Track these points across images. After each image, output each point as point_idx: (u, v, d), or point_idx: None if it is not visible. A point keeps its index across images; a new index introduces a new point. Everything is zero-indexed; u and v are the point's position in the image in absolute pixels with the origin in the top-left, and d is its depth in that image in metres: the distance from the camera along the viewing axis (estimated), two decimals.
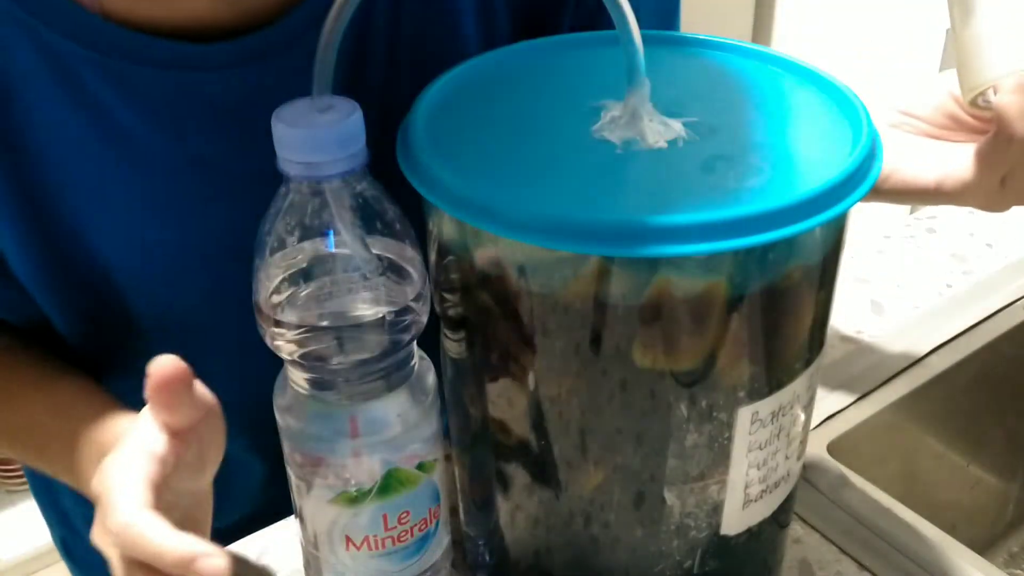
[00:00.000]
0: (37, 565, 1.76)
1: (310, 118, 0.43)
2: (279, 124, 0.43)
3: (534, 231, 0.41)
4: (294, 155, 0.43)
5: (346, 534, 0.52)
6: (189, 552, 0.40)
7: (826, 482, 0.68)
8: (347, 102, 0.44)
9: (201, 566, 0.40)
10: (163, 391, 0.43)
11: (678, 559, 0.51)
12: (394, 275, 0.46)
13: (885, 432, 0.76)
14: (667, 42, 0.55)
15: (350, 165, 0.43)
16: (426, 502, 0.52)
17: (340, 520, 0.51)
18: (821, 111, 0.49)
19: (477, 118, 0.49)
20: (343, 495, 0.50)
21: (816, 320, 0.48)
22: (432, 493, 0.53)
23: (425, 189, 0.44)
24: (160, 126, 0.54)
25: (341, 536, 0.52)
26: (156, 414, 0.44)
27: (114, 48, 0.51)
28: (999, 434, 0.89)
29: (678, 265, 0.42)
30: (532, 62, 0.54)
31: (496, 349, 0.47)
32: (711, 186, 0.44)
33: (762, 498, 0.51)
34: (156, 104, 0.54)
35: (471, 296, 0.47)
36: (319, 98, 0.43)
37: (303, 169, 0.43)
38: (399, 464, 0.50)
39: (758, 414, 0.47)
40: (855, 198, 0.43)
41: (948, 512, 0.85)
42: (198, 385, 0.44)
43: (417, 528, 0.52)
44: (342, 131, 0.43)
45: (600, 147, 0.46)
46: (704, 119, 0.47)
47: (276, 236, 0.45)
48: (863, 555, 0.63)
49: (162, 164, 0.55)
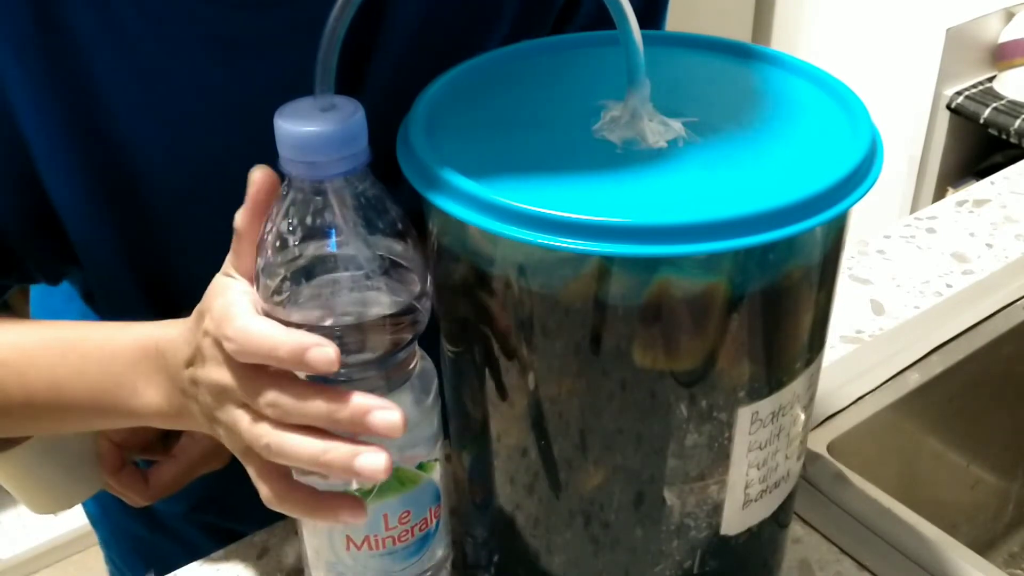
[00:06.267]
0: (37, 565, 1.76)
1: (312, 117, 0.43)
2: (281, 122, 0.43)
3: (534, 231, 0.41)
4: (296, 154, 0.43)
5: (347, 534, 0.52)
6: (301, 343, 0.43)
7: (826, 482, 0.67)
8: (349, 101, 0.44)
9: (312, 355, 0.42)
10: (267, 192, 0.45)
11: (678, 559, 0.51)
12: (396, 274, 0.46)
13: (885, 432, 0.76)
14: (667, 42, 0.55)
15: (352, 164, 0.43)
16: (427, 502, 0.52)
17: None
18: (821, 111, 0.49)
19: (477, 118, 0.49)
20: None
21: (816, 320, 0.48)
22: (433, 493, 0.53)
23: (425, 188, 0.44)
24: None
25: (342, 536, 0.52)
26: (253, 217, 0.46)
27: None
28: (999, 434, 0.89)
29: (678, 265, 0.42)
30: (532, 62, 0.54)
31: (496, 349, 0.47)
32: (711, 186, 0.44)
33: (762, 498, 0.51)
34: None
35: (471, 296, 0.47)
36: (321, 97, 0.43)
37: (305, 168, 0.43)
38: (400, 464, 0.50)
39: (758, 414, 0.47)
40: (855, 198, 0.43)
41: (948, 512, 0.85)
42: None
43: (418, 528, 0.53)
44: (344, 130, 0.43)
45: (600, 147, 0.46)
46: (704, 119, 0.47)
47: (277, 235, 0.45)
48: (863, 555, 0.63)
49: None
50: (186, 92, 0.55)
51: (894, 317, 0.84)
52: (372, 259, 0.45)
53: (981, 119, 1.66)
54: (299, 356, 0.43)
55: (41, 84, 0.53)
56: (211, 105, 0.56)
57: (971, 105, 1.68)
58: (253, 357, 0.44)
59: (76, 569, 1.77)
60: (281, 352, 0.43)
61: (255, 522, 0.67)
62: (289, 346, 0.43)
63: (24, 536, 1.75)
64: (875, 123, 0.47)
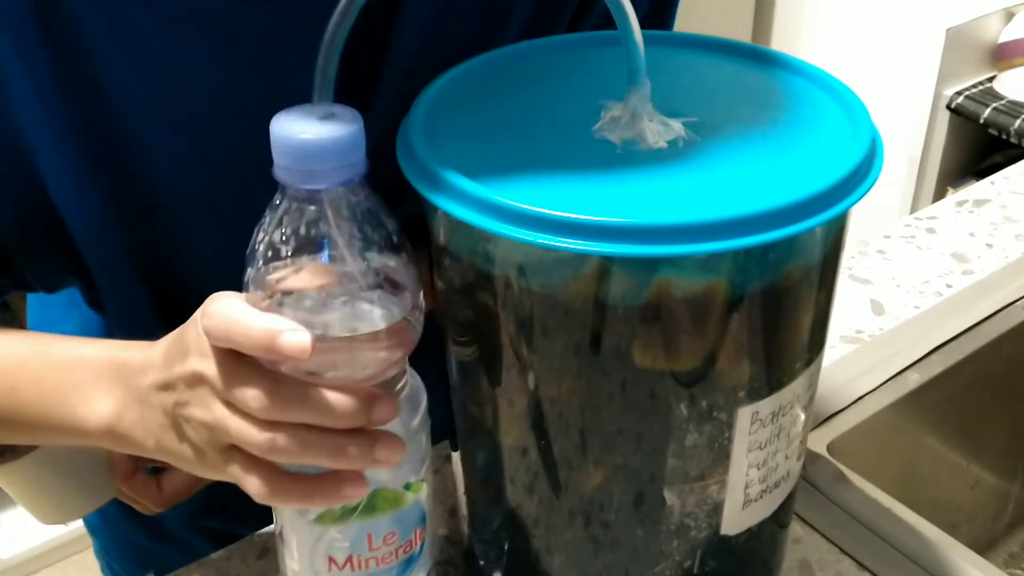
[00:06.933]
0: (37, 565, 1.76)
1: (310, 125, 0.42)
2: (277, 129, 0.42)
3: (534, 231, 0.41)
4: (292, 162, 0.42)
5: (329, 554, 0.50)
6: (274, 326, 0.41)
7: (826, 482, 0.67)
8: (348, 111, 0.43)
9: (285, 338, 0.41)
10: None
11: (678, 559, 0.51)
12: (389, 288, 0.45)
13: (885, 432, 0.76)
14: (667, 42, 0.55)
15: (349, 174, 0.42)
16: (412, 523, 0.52)
17: (324, 539, 0.50)
18: (821, 111, 0.49)
19: (477, 118, 0.49)
20: (328, 513, 0.49)
21: (816, 320, 0.48)
22: (419, 514, 0.52)
23: (425, 189, 0.44)
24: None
25: (324, 556, 0.50)
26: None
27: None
28: (999, 434, 0.89)
29: (678, 265, 0.42)
30: (532, 62, 0.54)
31: (496, 349, 0.47)
32: (711, 186, 0.44)
33: (762, 498, 0.51)
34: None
35: (472, 296, 0.47)
36: (320, 105, 0.43)
37: (301, 177, 0.42)
38: (387, 484, 0.49)
39: (758, 414, 0.47)
40: (855, 198, 0.43)
41: (948, 512, 0.85)
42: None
43: (402, 550, 0.52)
44: (343, 140, 0.42)
45: (600, 147, 0.46)
46: (704, 119, 0.47)
47: (270, 245, 0.43)
48: (863, 555, 0.63)
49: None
50: (195, 92, 0.55)
51: (894, 317, 0.84)
52: (366, 272, 0.44)
53: (981, 119, 1.66)
54: (271, 339, 0.41)
55: (47, 86, 0.52)
56: (221, 105, 0.55)
57: (971, 105, 1.68)
58: (227, 335, 0.43)
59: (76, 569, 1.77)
60: (254, 332, 0.41)
61: (257, 525, 0.67)
62: (262, 326, 0.41)
63: (24, 536, 1.75)
64: (875, 123, 0.47)
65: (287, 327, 0.41)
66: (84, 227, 0.57)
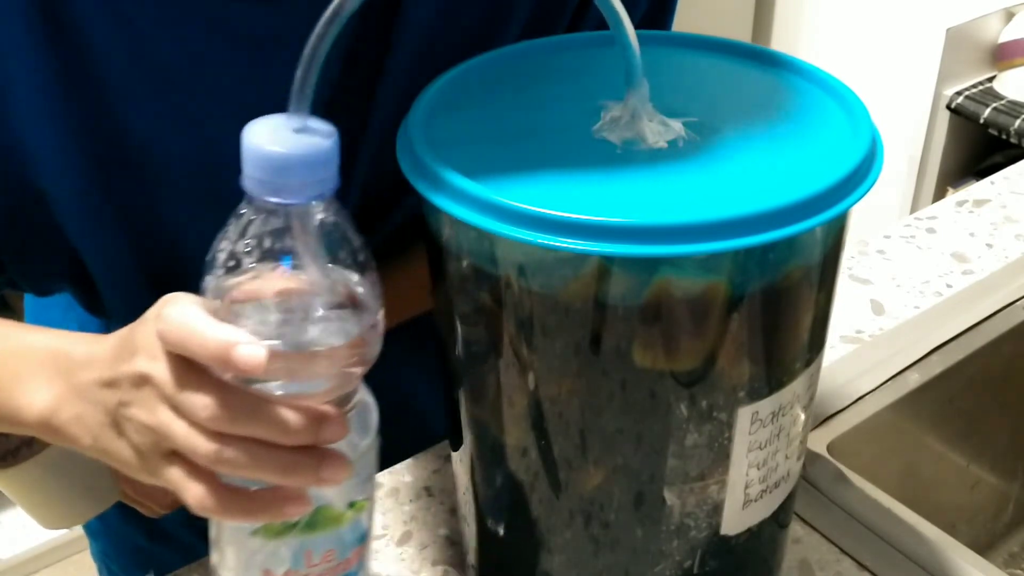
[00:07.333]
0: (37, 565, 1.76)
1: (282, 137, 0.40)
2: (248, 140, 0.40)
3: (534, 231, 0.41)
4: (261, 174, 0.40)
5: (266, 567, 0.48)
6: (230, 338, 0.40)
7: (826, 482, 0.67)
8: (323, 124, 0.41)
9: (240, 351, 0.40)
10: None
11: (678, 559, 0.51)
12: (350, 305, 0.44)
13: (885, 432, 0.76)
14: (667, 42, 0.55)
15: (319, 191, 0.41)
16: (352, 542, 0.50)
17: (261, 552, 0.48)
18: (821, 111, 0.49)
19: (477, 118, 0.49)
20: (267, 527, 0.47)
21: (816, 320, 0.48)
22: (359, 534, 0.50)
23: (425, 189, 0.44)
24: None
25: (260, 569, 0.49)
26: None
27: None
28: (999, 434, 0.89)
29: (678, 265, 0.42)
30: (532, 62, 0.54)
31: (496, 349, 0.47)
32: (711, 186, 0.44)
33: (762, 498, 0.51)
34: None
35: (471, 296, 0.47)
36: (295, 116, 0.41)
37: (269, 190, 0.40)
38: (331, 502, 0.47)
39: (758, 414, 0.47)
40: (855, 198, 0.43)
41: (948, 512, 0.85)
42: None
43: (340, 568, 0.50)
44: (314, 156, 0.40)
45: (600, 147, 0.46)
46: (704, 119, 0.47)
47: (231, 255, 0.42)
48: (863, 555, 0.63)
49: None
50: (200, 93, 0.55)
51: (894, 317, 0.84)
52: (327, 288, 0.43)
53: (981, 119, 1.66)
54: (226, 351, 0.40)
55: (50, 85, 0.52)
56: (225, 105, 0.55)
57: (971, 105, 1.68)
58: (182, 342, 0.41)
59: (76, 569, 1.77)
60: (210, 342, 0.40)
61: None
62: (218, 337, 0.40)
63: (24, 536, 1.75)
64: (875, 123, 0.47)
65: (243, 339, 0.40)
66: (85, 227, 0.57)
